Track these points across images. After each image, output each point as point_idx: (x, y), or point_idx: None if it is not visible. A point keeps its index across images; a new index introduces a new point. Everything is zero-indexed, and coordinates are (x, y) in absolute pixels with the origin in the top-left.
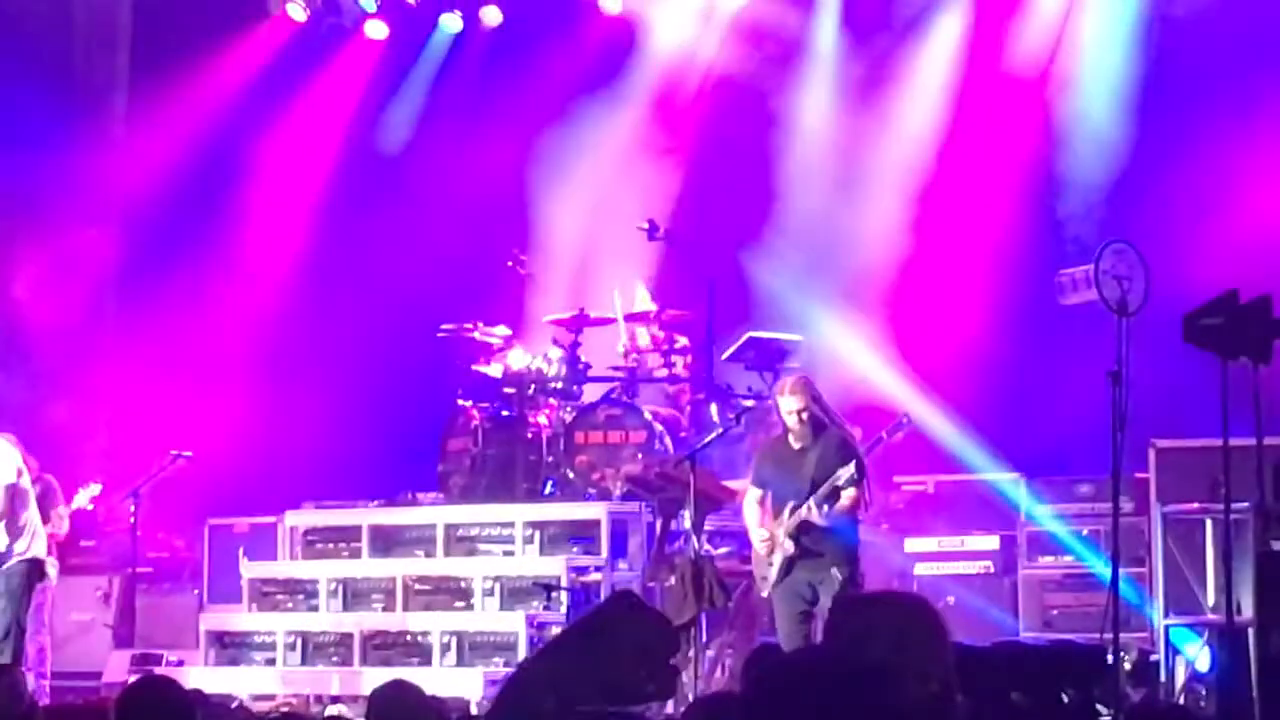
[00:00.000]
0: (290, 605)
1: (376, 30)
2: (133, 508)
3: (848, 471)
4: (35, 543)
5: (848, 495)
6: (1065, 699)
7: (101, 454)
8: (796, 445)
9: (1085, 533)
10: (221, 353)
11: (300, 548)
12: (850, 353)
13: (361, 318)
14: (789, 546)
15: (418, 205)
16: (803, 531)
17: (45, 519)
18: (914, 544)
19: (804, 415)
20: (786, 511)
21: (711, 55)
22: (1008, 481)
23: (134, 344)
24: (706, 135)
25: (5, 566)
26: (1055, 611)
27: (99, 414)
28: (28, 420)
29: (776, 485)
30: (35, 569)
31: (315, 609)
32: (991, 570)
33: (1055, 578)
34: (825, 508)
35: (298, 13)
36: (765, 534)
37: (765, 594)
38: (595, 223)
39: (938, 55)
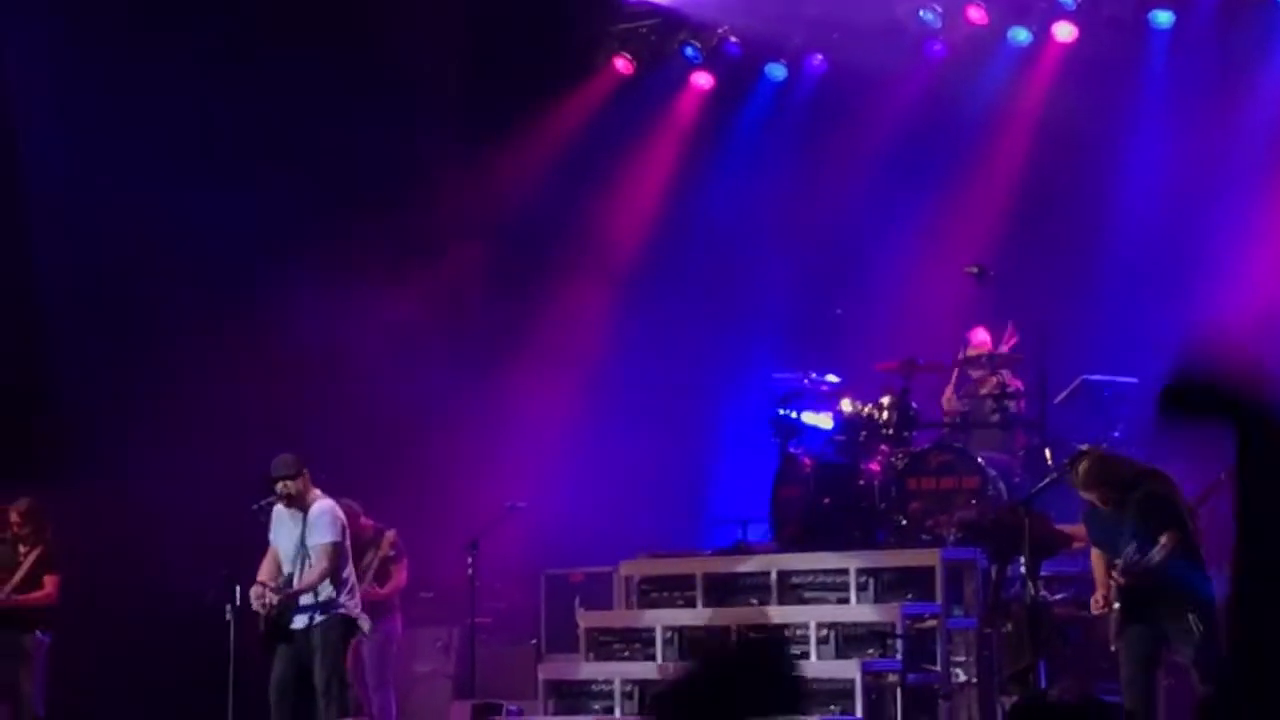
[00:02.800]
0: (627, 654)
1: (702, 80)
2: (471, 559)
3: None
4: (352, 600)
5: (1163, 539)
6: None
7: (439, 505)
8: (1107, 507)
9: None
10: (556, 402)
11: (635, 597)
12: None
13: (692, 367)
14: (1114, 602)
15: (745, 252)
16: (1140, 582)
17: (388, 574)
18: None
19: (1102, 500)
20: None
21: (1040, 94)
22: None
23: (469, 395)
24: (1034, 174)
25: (325, 620)
26: None
27: (437, 465)
28: (367, 471)
29: (1104, 546)
30: (351, 624)
31: (652, 658)
32: None
33: None
34: (1139, 556)
35: (625, 65)
36: (1099, 595)
37: (1114, 647)
38: (924, 267)
39: (1270, 84)
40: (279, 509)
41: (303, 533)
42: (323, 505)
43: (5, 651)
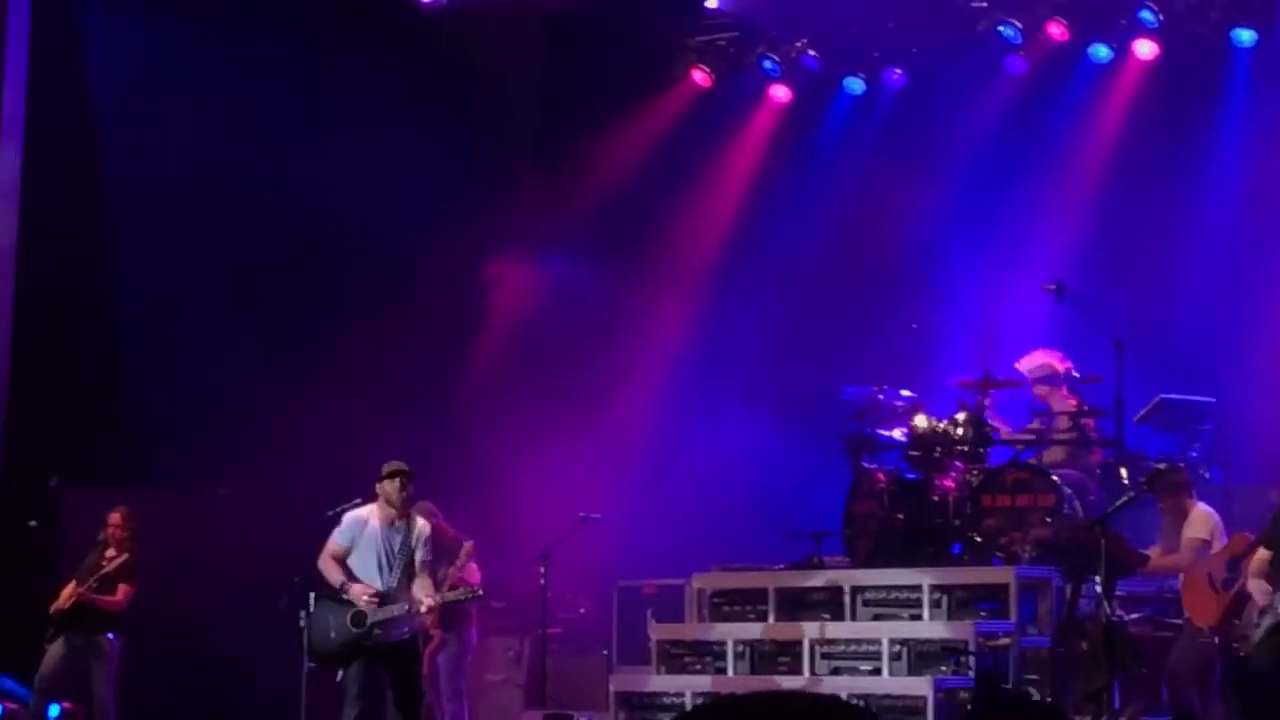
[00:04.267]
0: (698, 667)
1: (780, 93)
2: (543, 569)
3: None
4: None
5: None
6: None
7: (513, 515)
8: None
9: None
10: (630, 414)
11: (707, 610)
12: (1269, 413)
13: (767, 380)
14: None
15: (820, 266)
16: None
17: (462, 581)
18: None
19: None
20: None
21: (1120, 111)
22: None
23: (542, 406)
24: (1114, 191)
25: (417, 634)
26: None
27: (510, 475)
28: (442, 481)
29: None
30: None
31: (723, 671)
32: None
33: None
34: None
35: (703, 78)
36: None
37: (1243, 653)
38: (1002, 283)
39: None
40: (362, 515)
41: (409, 539)
42: (426, 521)
43: (80, 652)
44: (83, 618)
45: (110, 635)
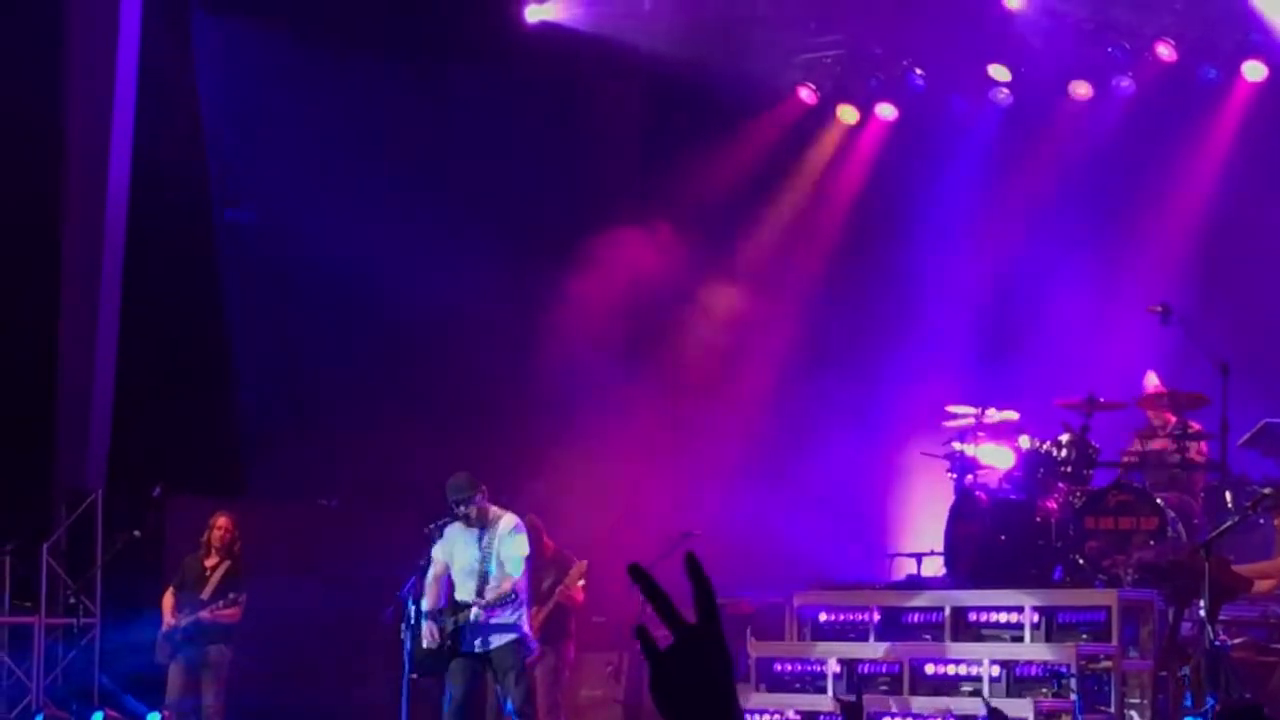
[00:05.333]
0: (798, 686)
1: (886, 111)
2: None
3: None
4: (525, 620)
5: None
6: None
7: (614, 530)
8: None
9: None
10: (730, 432)
11: (808, 629)
12: None
13: (870, 399)
14: None
15: (923, 286)
16: None
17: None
18: None
19: None
20: None
21: (1229, 132)
22: None
23: (645, 424)
24: (1222, 212)
25: (511, 642)
26: None
27: (613, 491)
28: (542, 495)
29: None
30: (528, 645)
31: (823, 690)
32: None
33: None
34: None
35: (809, 95)
36: None
37: None
38: (1107, 304)
39: None
40: (453, 528)
41: (490, 544)
42: (512, 518)
43: (194, 664)
44: (199, 633)
45: (223, 646)
